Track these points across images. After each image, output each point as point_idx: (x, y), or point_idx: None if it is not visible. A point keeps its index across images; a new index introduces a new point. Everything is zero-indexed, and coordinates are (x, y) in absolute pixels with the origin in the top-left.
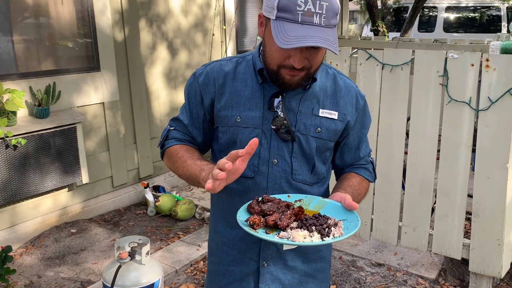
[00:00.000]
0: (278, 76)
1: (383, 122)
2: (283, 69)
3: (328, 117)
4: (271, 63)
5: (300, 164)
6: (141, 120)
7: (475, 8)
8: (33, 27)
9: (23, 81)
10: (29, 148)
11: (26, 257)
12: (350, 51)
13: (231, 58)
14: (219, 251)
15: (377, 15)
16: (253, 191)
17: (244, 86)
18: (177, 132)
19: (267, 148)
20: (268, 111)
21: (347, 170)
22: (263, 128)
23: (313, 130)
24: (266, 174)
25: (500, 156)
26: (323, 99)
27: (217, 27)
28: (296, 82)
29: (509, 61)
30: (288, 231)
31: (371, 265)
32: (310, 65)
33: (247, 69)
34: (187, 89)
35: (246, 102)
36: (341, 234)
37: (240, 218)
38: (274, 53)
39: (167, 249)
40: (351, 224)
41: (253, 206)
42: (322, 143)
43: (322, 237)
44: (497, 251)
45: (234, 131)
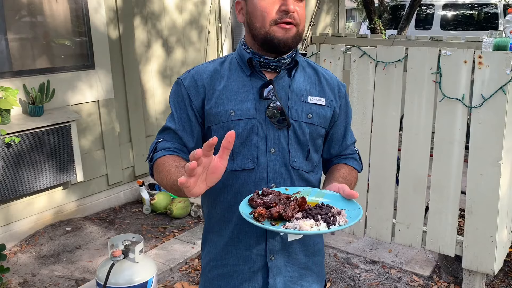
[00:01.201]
0: (272, 38)
1: (376, 119)
2: (276, 26)
3: (317, 103)
4: (263, 24)
5: (296, 151)
6: (136, 118)
7: (472, 6)
8: (27, 25)
9: (17, 79)
10: (23, 146)
11: (20, 256)
12: (344, 48)
13: (214, 60)
14: (224, 252)
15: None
16: (254, 183)
17: (231, 81)
18: (166, 142)
19: (263, 138)
20: (260, 102)
21: (335, 162)
22: (257, 118)
23: (304, 116)
24: (265, 164)
25: (493, 153)
26: (309, 87)
27: (212, 25)
28: (290, 38)
29: (501, 58)
30: (293, 222)
31: (366, 262)
32: (299, 19)
33: (232, 66)
34: (172, 97)
35: (236, 95)
36: (346, 222)
37: (243, 211)
38: (264, 9)
39: (162, 247)
40: (353, 212)
41: (255, 199)
42: (314, 129)
43: (328, 226)
44: (490, 248)
45: (229, 125)
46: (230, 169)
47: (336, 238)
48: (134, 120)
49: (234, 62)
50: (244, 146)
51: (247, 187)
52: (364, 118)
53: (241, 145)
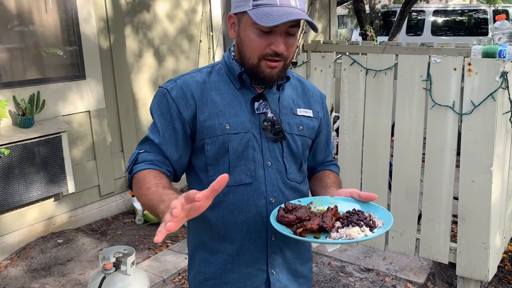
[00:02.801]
0: (258, 71)
1: (368, 127)
2: (263, 61)
3: (305, 115)
4: (251, 57)
5: (290, 164)
6: (128, 128)
7: (462, 12)
8: (16, 36)
9: (6, 90)
10: (12, 158)
11: (11, 269)
12: (335, 57)
13: (200, 69)
14: (223, 271)
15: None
16: (253, 198)
17: (223, 94)
18: (148, 154)
19: (259, 152)
20: (253, 115)
21: (319, 169)
22: (253, 132)
23: (296, 128)
24: (263, 178)
25: (484, 159)
26: (296, 99)
27: (204, 34)
28: (276, 74)
29: (490, 65)
30: (338, 231)
31: (360, 271)
32: (287, 54)
33: (220, 78)
34: (155, 108)
35: (230, 108)
36: (382, 223)
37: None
38: (254, 43)
39: (155, 258)
40: (378, 213)
41: (286, 216)
42: (304, 141)
43: (371, 229)
44: (484, 255)
45: (225, 139)
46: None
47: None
48: (125, 129)
49: (223, 73)
50: (241, 160)
51: (246, 202)
52: (356, 125)
53: (238, 160)
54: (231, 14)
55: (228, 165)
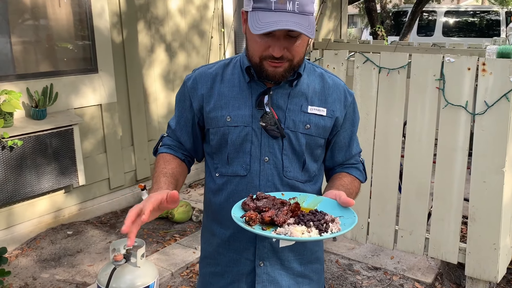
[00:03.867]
0: (261, 69)
1: (379, 126)
2: (265, 61)
3: (317, 113)
4: (253, 56)
5: (290, 161)
6: (138, 122)
7: (474, 13)
8: (31, 29)
9: (20, 82)
10: (25, 149)
11: (21, 259)
12: (347, 54)
13: (218, 62)
14: (216, 253)
15: (376, 19)
16: (246, 190)
17: (232, 87)
18: (168, 139)
19: (258, 146)
20: (256, 109)
21: (338, 170)
22: (253, 126)
23: (302, 126)
24: (258, 172)
25: (496, 160)
26: (312, 96)
27: (215, 30)
28: (279, 74)
29: (505, 65)
30: (285, 227)
31: (368, 269)
32: (291, 55)
33: (234, 70)
34: (177, 96)
35: (234, 101)
36: (339, 229)
37: (235, 214)
38: (254, 44)
39: (163, 251)
40: (348, 220)
41: (248, 203)
42: (311, 140)
43: (320, 233)
44: (493, 256)
45: (225, 131)
46: (225, 174)
47: (338, 244)
48: (136, 124)
49: (238, 66)
50: (239, 152)
51: (239, 193)
52: (367, 124)
53: (236, 152)
54: (243, 10)
55: (227, 156)
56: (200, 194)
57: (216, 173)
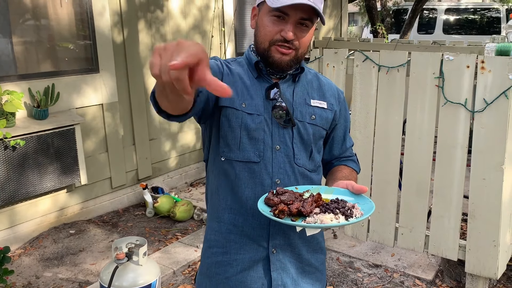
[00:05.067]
0: (268, 55)
1: (379, 124)
2: (273, 46)
3: (319, 106)
4: (263, 41)
5: (299, 150)
6: (140, 121)
7: (475, 10)
8: (32, 29)
9: (22, 83)
10: (28, 149)
11: (24, 258)
12: (347, 53)
13: (226, 59)
14: (225, 240)
15: (376, 17)
16: (259, 176)
17: (242, 78)
18: None
19: (269, 135)
20: (266, 101)
21: (335, 164)
22: (265, 116)
23: (308, 117)
24: (270, 159)
25: (495, 157)
26: (311, 91)
27: (216, 29)
28: (285, 62)
29: (504, 62)
30: (314, 217)
31: (368, 266)
32: (298, 44)
33: (240, 68)
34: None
35: (247, 91)
36: (361, 214)
37: (263, 210)
38: (267, 29)
39: (165, 250)
40: (365, 206)
41: (272, 198)
42: (317, 130)
43: (346, 218)
44: (493, 252)
45: (239, 116)
46: (235, 159)
47: (338, 242)
48: (138, 123)
49: (243, 64)
50: (252, 139)
51: (253, 179)
52: (367, 122)
53: (249, 138)
54: (255, 6)
55: (239, 141)
56: (202, 193)
57: (222, 157)
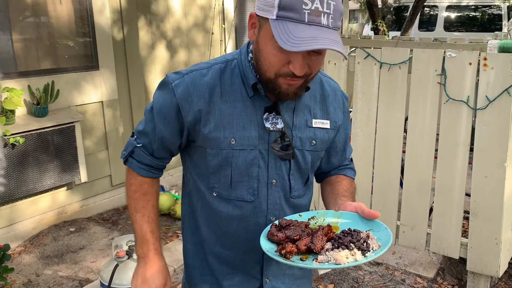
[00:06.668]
0: (274, 87)
1: (381, 121)
2: (281, 78)
3: (321, 127)
4: (268, 71)
5: (296, 181)
6: (140, 118)
7: (476, 7)
8: (32, 26)
9: (21, 80)
10: (27, 146)
11: (24, 256)
12: (349, 50)
13: (211, 65)
14: (217, 272)
15: (377, 14)
16: (253, 215)
17: (233, 101)
18: (144, 155)
19: (265, 169)
20: (263, 129)
21: (333, 173)
22: (260, 148)
23: (308, 143)
24: (265, 196)
25: (498, 155)
26: (314, 107)
27: (216, 26)
28: (293, 91)
29: (507, 60)
30: (326, 254)
31: (369, 264)
32: (310, 72)
33: (234, 79)
34: (157, 100)
35: (239, 121)
36: (378, 246)
37: (267, 250)
38: (272, 58)
39: (166, 248)
40: (380, 233)
41: (276, 234)
42: (316, 155)
43: (363, 253)
44: (495, 250)
45: (228, 154)
46: (227, 197)
47: None
48: (137, 120)
49: (237, 74)
50: (244, 177)
51: (245, 218)
52: (369, 119)
53: (241, 176)
54: (253, 14)
55: (230, 180)
56: None
57: (214, 192)
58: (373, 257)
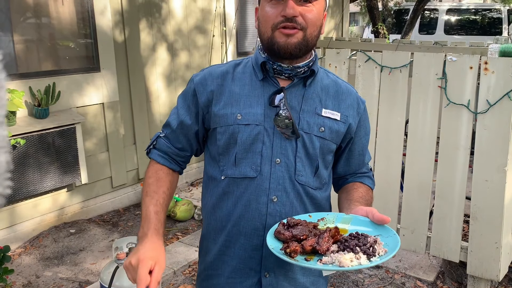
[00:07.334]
0: (273, 43)
1: (381, 124)
2: (277, 31)
3: (331, 117)
4: (266, 29)
5: (303, 165)
6: (140, 120)
7: (476, 11)
8: (33, 27)
9: (23, 81)
10: (28, 148)
11: (24, 257)
12: (349, 53)
13: (229, 62)
14: (219, 262)
15: (378, 17)
16: (255, 193)
17: (243, 85)
18: (165, 143)
19: (269, 147)
20: (269, 108)
21: (350, 180)
22: (265, 125)
23: (316, 129)
24: (268, 174)
25: (498, 159)
26: (325, 98)
27: (217, 29)
28: (292, 45)
29: (507, 64)
30: (330, 256)
31: (369, 267)
32: (304, 23)
33: (246, 69)
34: (181, 95)
35: (246, 99)
36: (385, 251)
37: (273, 247)
38: (267, 14)
39: (166, 250)
40: (388, 239)
41: (282, 232)
42: (325, 144)
43: (368, 257)
44: (495, 254)
45: (235, 129)
46: (231, 176)
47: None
48: (138, 122)
49: (250, 65)
50: (248, 153)
51: (247, 196)
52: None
53: (245, 152)
54: (257, 7)
55: (235, 156)
56: None
57: (222, 175)
58: (378, 262)
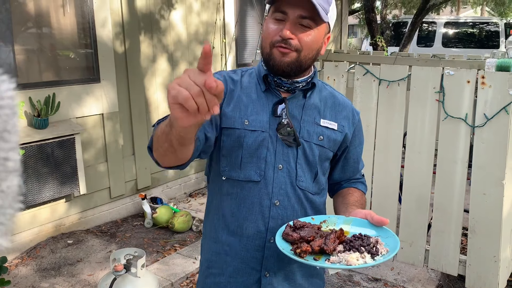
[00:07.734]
0: (270, 59)
1: (379, 137)
2: (274, 48)
3: (329, 127)
4: (265, 45)
5: (304, 171)
6: (140, 131)
7: (474, 24)
8: (34, 38)
9: (22, 92)
10: (27, 158)
11: (21, 268)
12: (348, 66)
13: (235, 71)
14: (221, 261)
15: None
16: (258, 196)
17: (249, 93)
18: None
19: (273, 153)
20: (272, 117)
21: (345, 185)
22: (270, 132)
23: (315, 137)
24: (271, 179)
25: (496, 172)
26: (324, 109)
27: (217, 40)
28: (285, 63)
29: (504, 78)
30: (338, 255)
31: (368, 280)
32: (299, 45)
33: (251, 80)
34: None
35: (253, 106)
36: (387, 251)
37: (283, 248)
38: (267, 31)
39: (163, 261)
40: (388, 240)
41: (291, 234)
42: (323, 152)
43: (372, 256)
44: (494, 268)
45: (241, 133)
46: (236, 178)
47: None
48: (137, 133)
49: (254, 76)
50: (253, 157)
51: (250, 199)
52: (367, 135)
53: (250, 156)
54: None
55: (240, 160)
56: (201, 203)
57: (223, 176)
58: (381, 261)
